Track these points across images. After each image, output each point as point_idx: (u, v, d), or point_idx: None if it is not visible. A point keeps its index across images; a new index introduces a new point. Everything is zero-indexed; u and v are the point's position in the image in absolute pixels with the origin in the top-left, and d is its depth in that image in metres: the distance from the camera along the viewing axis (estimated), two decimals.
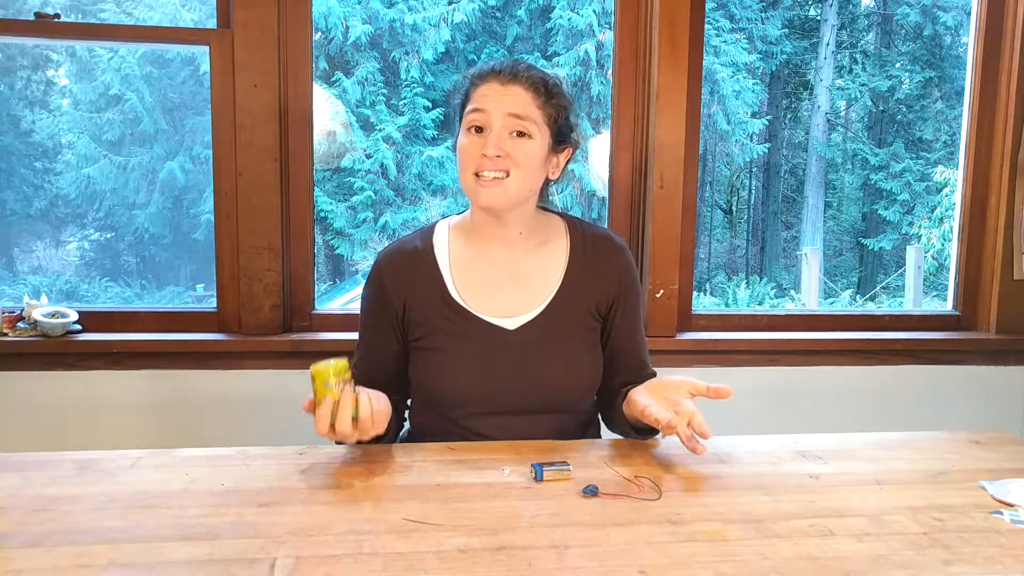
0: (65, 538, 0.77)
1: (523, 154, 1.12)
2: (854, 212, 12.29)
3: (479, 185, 1.12)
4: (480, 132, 1.13)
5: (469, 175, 1.13)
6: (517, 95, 1.12)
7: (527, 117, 1.12)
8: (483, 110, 1.12)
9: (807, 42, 11.91)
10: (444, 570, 0.72)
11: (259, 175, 1.66)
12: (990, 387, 1.93)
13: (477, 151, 1.12)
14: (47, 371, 1.64)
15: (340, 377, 0.96)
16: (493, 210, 1.15)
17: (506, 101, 1.12)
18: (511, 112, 1.11)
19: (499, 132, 1.11)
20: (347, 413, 0.96)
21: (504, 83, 1.13)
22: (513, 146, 1.11)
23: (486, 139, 1.11)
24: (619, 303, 1.22)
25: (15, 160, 9.30)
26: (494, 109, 1.11)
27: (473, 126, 1.13)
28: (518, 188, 1.13)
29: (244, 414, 1.69)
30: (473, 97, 1.14)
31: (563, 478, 0.94)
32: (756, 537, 0.80)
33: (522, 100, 1.12)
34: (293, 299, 1.75)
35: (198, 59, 8.55)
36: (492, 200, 1.13)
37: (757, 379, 1.84)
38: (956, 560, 0.76)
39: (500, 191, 1.12)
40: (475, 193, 1.13)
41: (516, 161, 1.11)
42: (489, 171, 1.11)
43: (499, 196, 1.12)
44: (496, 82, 1.13)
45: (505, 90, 1.12)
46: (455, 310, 1.17)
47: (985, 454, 1.08)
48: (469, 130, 1.13)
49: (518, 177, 1.12)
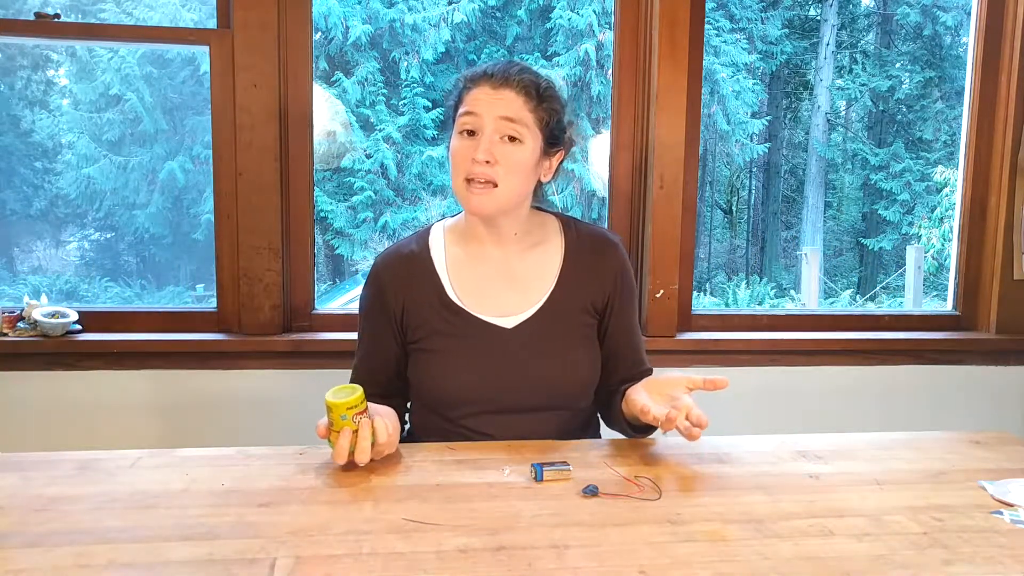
0: (65, 538, 0.77)
1: (512, 161, 1.12)
2: (854, 212, 12.28)
3: (470, 192, 1.12)
4: (472, 135, 1.13)
5: (460, 180, 1.13)
6: (509, 99, 1.12)
7: (518, 121, 1.12)
8: (475, 113, 1.12)
9: (807, 42, 11.90)
10: (444, 570, 0.72)
11: (259, 175, 1.66)
12: (990, 387, 1.93)
13: (468, 155, 1.12)
14: (47, 371, 1.64)
15: (356, 410, 0.96)
16: (483, 215, 1.16)
17: (497, 105, 1.12)
18: (502, 116, 1.11)
19: (490, 136, 1.11)
20: (366, 444, 0.96)
21: (496, 86, 1.13)
22: (503, 152, 1.11)
23: (477, 143, 1.11)
24: (614, 300, 1.22)
25: (15, 160, 9.30)
26: (486, 113, 1.12)
27: (465, 129, 1.13)
28: (507, 196, 1.14)
29: (244, 414, 1.69)
30: (465, 100, 1.14)
31: (563, 478, 0.94)
32: (756, 537, 0.80)
33: (514, 104, 1.12)
34: (293, 299, 1.75)
35: (198, 59, 8.55)
36: (482, 206, 1.13)
37: (757, 379, 1.84)
38: (956, 560, 0.76)
39: (489, 199, 1.12)
40: (466, 199, 1.14)
41: (506, 168, 1.12)
42: (479, 178, 1.11)
43: (488, 203, 1.13)
44: (488, 85, 1.13)
45: (497, 94, 1.12)
46: (453, 311, 1.18)
47: (985, 454, 1.08)
48: (461, 133, 1.14)
49: (507, 185, 1.13)
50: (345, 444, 0.95)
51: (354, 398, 0.95)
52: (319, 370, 1.69)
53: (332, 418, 0.95)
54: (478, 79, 1.14)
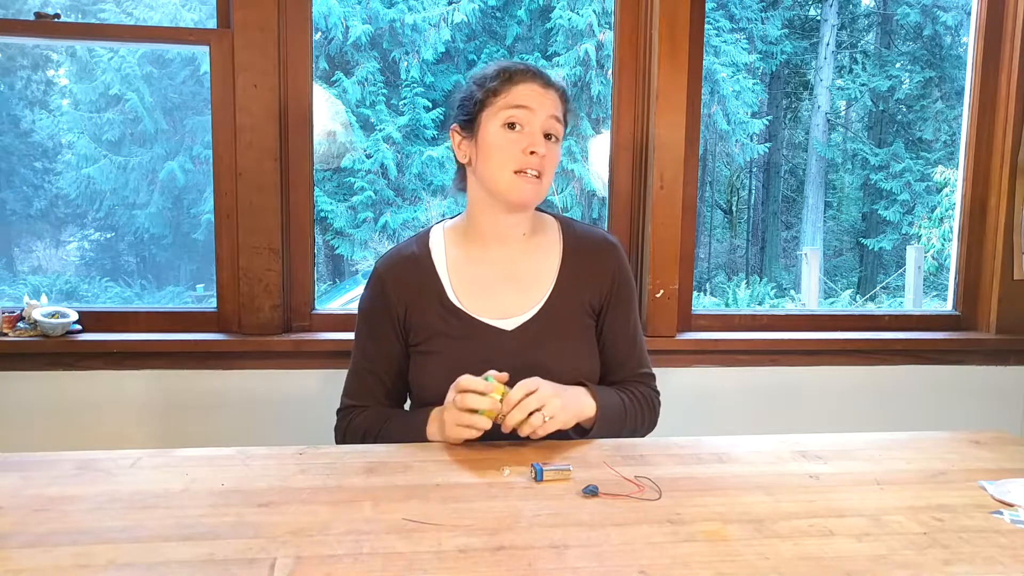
0: (65, 538, 0.77)
1: (553, 157, 1.18)
2: (854, 212, 12.29)
3: (522, 181, 1.14)
4: (514, 129, 1.14)
5: (508, 171, 1.14)
6: (554, 100, 1.17)
7: (560, 121, 1.17)
8: (528, 108, 1.14)
9: (807, 42, 11.91)
10: (444, 570, 0.72)
11: (259, 175, 1.66)
12: (990, 387, 1.93)
13: (517, 147, 1.14)
14: (47, 371, 1.64)
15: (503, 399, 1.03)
16: (527, 206, 1.18)
17: (547, 104, 1.15)
18: (553, 114, 1.16)
19: (539, 131, 1.14)
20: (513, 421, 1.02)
21: (544, 86, 1.16)
22: (547, 148, 1.15)
23: (529, 136, 1.14)
24: (612, 301, 1.23)
25: (15, 160, 9.30)
26: (539, 108, 1.14)
27: (509, 122, 1.14)
28: (546, 189, 1.18)
29: (244, 414, 1.69)
30: (512, 93, 1.15)
31: (563, 478, 0.94)
32: (756, 537, 0.80)
33: (558, 105, 1.17)
34: (293, 299, 1.75)
35: (198, 59, 8.55)
36: (529, 196, 1.16)
37: (757, 379, 1.84)
38: (956, 560, 0.76)
39: (536, 189, 1.16)
40: (514, 189, 1.15)
41: (549, 163, 1.16)
42: (532, 169, 1.14)
43: (535, 193, 1.16)
44: (537, 84, 1.16)
45: (545, 93, 1.16)
46: (453, 313, 1.18)
47: (985, 454, 1.08)
48: (505, 126, 1.14)
49: (547, 179, 1.17)
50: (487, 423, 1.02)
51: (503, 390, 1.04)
52: (319, 370, 1.69)
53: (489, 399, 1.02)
54: (523, 75, 1.16)
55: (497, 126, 1.14)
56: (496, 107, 1.15)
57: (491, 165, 1.15)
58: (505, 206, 1.18)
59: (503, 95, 1.15)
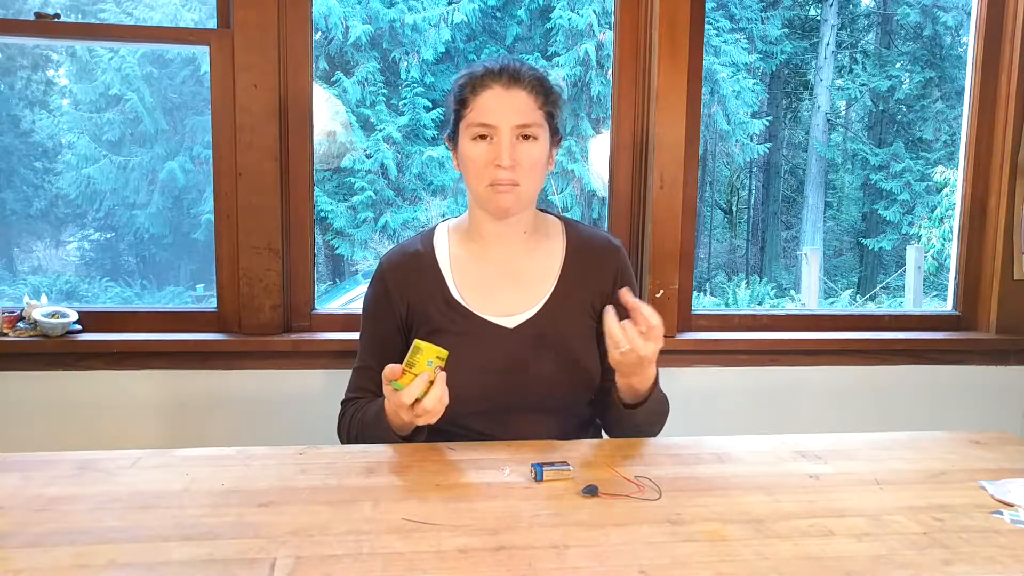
0: (65, 538, 0.77)
1: (531, 160, 1.14)
2: (854, 212, 12.29)
3: (495, 192, 1.14)
4: (486, 139, 1.13)
5: (482, 185, 1.14)
6: (520, 100, 1.13)
7: (532, 123, 1.13)
8: (489, 125, 1.12)
9: (807, 42, 11.90)
10: (444, 570, 0.72)
11: (259, 175, 1.66)
12: (990, 387, 1.93)
13: (488, 161, 1.13)
14: (47, 371, 1.64)
15: (441, 362, 1.00)
16: (507, 214, 1.17)
17: (510, 113, 1.12)
18: (518, 124, 1.12)
19: (508, 139, 1.12)
20: (438, 393, 0.99)
21: (507, 86, 1.13)
22: (521, 153, 1.13)
23: (497, 148, 1.12)
24: (611, 302, 1.22)
25: (15, 160, 9.30)
26: (502, 122, 1.12)
27: (479, 135, 1.14)
28: (528, 193, 1.16)
29: (244, 414, 1.69)
30: (475, 105, 1.14)
31: (563, 478, 0.94)
32: (756, 537, 0.80)
33: (526, 105, 1.13)
34: (293, 299, 1.75)
35: (198, 59, 8.55)
36: (508, 204, 1.15)
37: (757, 379, 1.84)
38: (956, 560, 0.76)
39: (513, 198, 1.14)
40: (491, 200, 1.15)
41: (526, 167, 1.14)
42: (503, 182, 1.12)
43: (513, 201, 1.15)
44: (499, 86, 1.13)
45: (509, 95, 1.13)
46: (456, 309, 1.18)
47: (985, 454, 1.08)
48: (475, 139, 1.14)
49: (527, 183, 1.15)
50: (419, 386, 0.98)
51: (444, 352, 1.00)
52: (319, 370, 1.69)
53: (417, 359, 0.98)
54: (486, 80, 1.14)
55: (468, 140, 1.15)
56: (466, 121, 1.15)
57: (469, 178, 1.16)
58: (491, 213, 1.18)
59: (470, 108, 1.14)
